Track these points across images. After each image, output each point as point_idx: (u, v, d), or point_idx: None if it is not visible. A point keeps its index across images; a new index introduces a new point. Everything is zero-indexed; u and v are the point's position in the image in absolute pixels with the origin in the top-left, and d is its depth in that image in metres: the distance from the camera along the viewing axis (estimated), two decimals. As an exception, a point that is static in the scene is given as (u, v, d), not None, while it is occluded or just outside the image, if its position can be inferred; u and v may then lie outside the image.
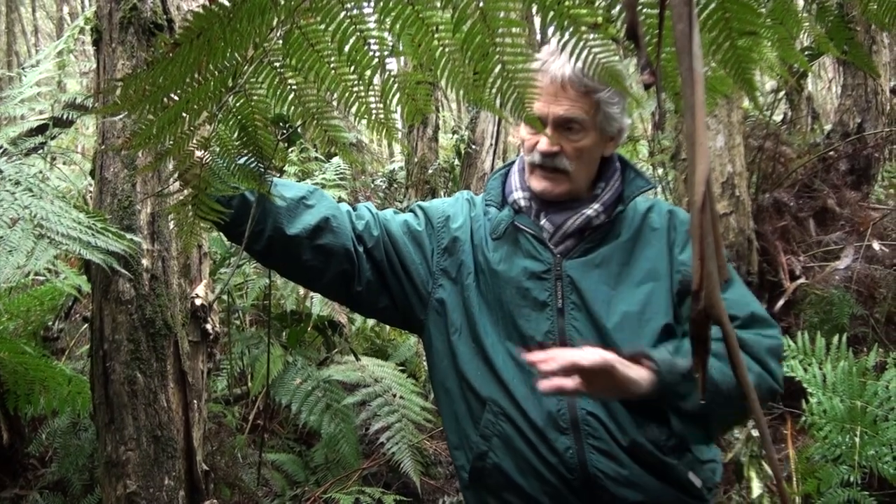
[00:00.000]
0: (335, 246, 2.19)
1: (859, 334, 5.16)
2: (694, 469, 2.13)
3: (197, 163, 1.62)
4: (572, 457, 2.07)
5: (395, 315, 2.35)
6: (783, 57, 1.37)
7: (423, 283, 2.29)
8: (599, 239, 2.21)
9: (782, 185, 6.38)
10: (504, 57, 1.21)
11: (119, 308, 2.60)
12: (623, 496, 2.08)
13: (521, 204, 2.28)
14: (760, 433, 0.82)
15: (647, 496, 2.09)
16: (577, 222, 2.21)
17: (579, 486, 2.08)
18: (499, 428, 2.16)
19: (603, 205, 2.22)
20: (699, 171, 0.78)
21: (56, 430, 3.84)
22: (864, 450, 3.41)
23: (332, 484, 4.53)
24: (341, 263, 2.20)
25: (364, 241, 2.25)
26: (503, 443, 2.16)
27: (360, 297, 2.28)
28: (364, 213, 2.31)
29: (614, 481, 2.06)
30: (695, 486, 2.12)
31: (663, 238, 2.20)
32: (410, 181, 9.11)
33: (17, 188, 2.39)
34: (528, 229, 2.24)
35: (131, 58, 2.63)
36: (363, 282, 2.25)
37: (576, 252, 2.20)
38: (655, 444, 2.08)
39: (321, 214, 2.19)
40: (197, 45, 1.22)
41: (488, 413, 2.18)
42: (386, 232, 2.29)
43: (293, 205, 2.18)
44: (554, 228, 2.23)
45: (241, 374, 5.10)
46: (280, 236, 2.14)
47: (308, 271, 2.22)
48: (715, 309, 0.80)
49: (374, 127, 1.43)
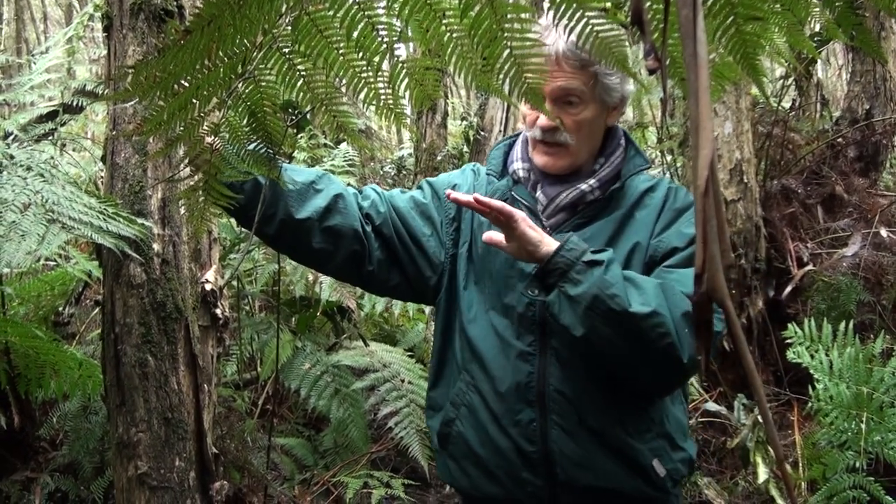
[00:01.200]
0: (343, 227, 2.20)
1: (866, 321, 5.16)
2: (661, 457, 2.12)
3: (207, 148, 1.63)
4: (535, 430, 2.10)
5: (409, 290, 2.36)
6: (792, 43, 1.37)
7: (435, 254, 2.31)
8: (592, 215, 2.21)
9: (790, 172, 6.37)
10: (512, 42, 1.22)
11: (130, 292, 2.62)
12: (576, 478, 2.09)
13: (519, 175, 2.29)
14: (762, 417, 0.83)
15: (601, 481, 2.10)
16: (571, 196, 2.21)
17: (538, 460, 2.10)
18: (468, 398, 2.21)
19: (599, 181, 2.21)
20: (703, 155, 0.79)
21: (67, 414, 3.86)
22: (870, 436, 3.42)
23: (340, 468, 4.56)
24: (351, 244, 2.21)
25: (372, 220, 2.26)
26: (469, 412, 2.20)
27: (372, 277, 2.28)
28: (370, 193, 2.32)
29: (570, 461, 2.08)
30: (657, 475, 2.11)
31: (653, 214, 2.19)
32: (419, 168, 9.10)
33: (29, 173, 2.41)
34: (523, 200, 2.25)
35: (142, 44, 2.64)
36: (374, 261, 2.26)
37: (566, 226, 2.20)
38: (622, 424, 2.09)
39: (329, 197, 2.20)
40: (207, 32, 1.24)
41: (461, 382, 2.23)
42: (393, 209, 2.30)
43: (303, 189, 2.18)
44: (547, 201, 2.23)
45: (250, 359, 5.12)
46: (291, 220, 2.14)
47: (318, 254, 2.22)
48: (717, 292, 0.81)
49: (382, 113, 1.44)
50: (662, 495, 2.17)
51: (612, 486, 2.11)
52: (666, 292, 1.96)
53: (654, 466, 2.11)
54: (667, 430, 2.15)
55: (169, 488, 2.65)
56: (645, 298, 1.92)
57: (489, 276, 2.21)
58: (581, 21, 1.18)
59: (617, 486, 2.11)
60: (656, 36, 1.13)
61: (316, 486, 4.42)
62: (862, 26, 1.41)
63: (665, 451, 2.14)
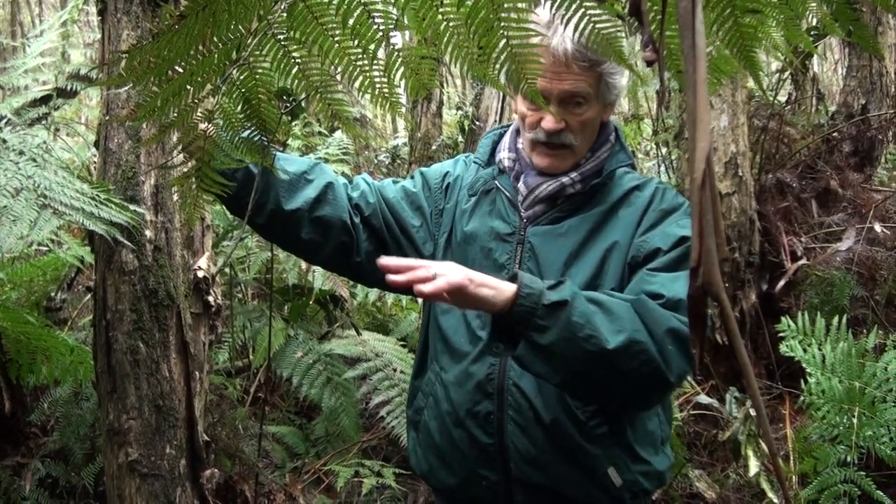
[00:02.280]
0: (332, 217, 2.20)
1: (859, 316, 5.17)
2: (617, 465, 2.08)
3: (201, 135, 1.62)
4: (492, 422, 2.10)
5: None
6: (788, 37, 1.37)
7: (424, 244, 2.31)
8: (571, 209, 2.18)
9: (785, 166, 6.37)
10: (509, 32, 1.22)
11: (122, 278, 2.61)
12: (527, 476, 2.08)
13: (505, 164, 2.28)
14: (756, 410, 0.82)
15: (552, 481, 2.08)
16: (550, 189, 2.18)
17: (494, 453, 2.10)
18: (434, 388, 2.23)
19: (581, 174, 2.18)
20: (700, 148, 0.79)
21: (58, 400, 3.85)
22: (861, 430, 3.42)
23: (332, 457, 4.56)
24: (339, 235, 2.21)
25: (361, 210, 2.26)
26: (434, 403, 2.22)
27: (361, 268, 2.28)
28: (360, 184, 2.32)
29: (523, 458, 2.08)
30: (613, 484, 2.08)
31: (637, 214, 2.14)
32: (414, 157, 9.09)
33: (21, 158, 2.40)
34: (504, 190, 2.24)
35: (136, 28, 2.63)
36: (362, 252, 2.26)
37: (543, 219, 2.18)
38: (579, 427, 2.06)
39: (320, 187, 2.20)
40: (202, 17, 1.23)
41: (431, 372, 2.25)
42: (382, 199, 2.30)
43: (295, 179, 2.18)
44: (527, 191, 2.21)
45: (242, 347, 5.12)
46: (281, 210, 2.14)
47: (308, 244, 2.23)
48: (713, 286, 0.80)
49: (377, 101, 1.43)
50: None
51: (565, 487, 2.10)
52: (642, 311, 1.89)
53: (610, 475, 2.08)
54: (627, 440, 2.11)
55: (159, 476, 2.64)
56: (620, 325, 1.84)
57: (465, 264, 2.18)
58: (579, 12, 1.17)
59: (569, 488, 2.10)
60: (654, 27, 1.12)
61: (307, 475, 4.42)
62: (859, 22, 1.40)
63: (623, 460, 2.10)
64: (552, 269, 2.12)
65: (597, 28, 1.20)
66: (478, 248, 2.19)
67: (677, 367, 1.88)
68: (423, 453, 2.28)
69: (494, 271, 2.10)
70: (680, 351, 1.87)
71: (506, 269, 2.14)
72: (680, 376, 1.92)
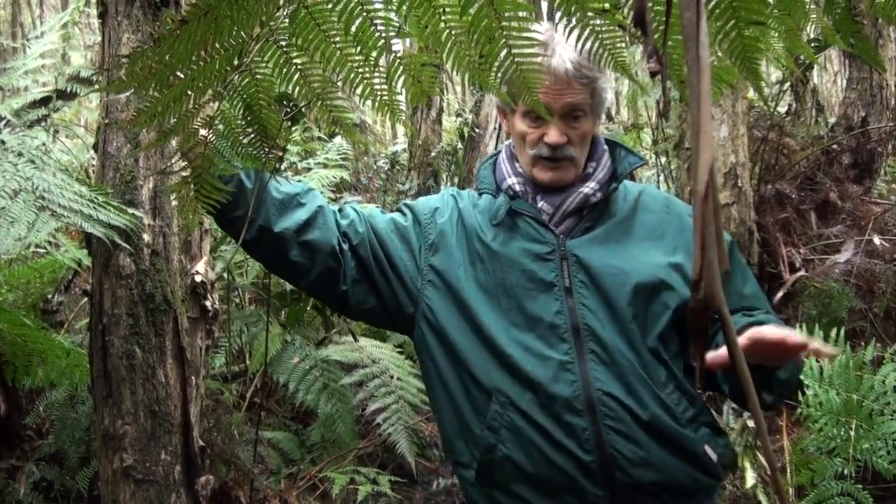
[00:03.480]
0: (321, 242, 2.18)
1: (857, 328, 5.17)
2: (710, 443, 2.13)
3: (201, 141, 1.62)
4: (589, 438, 2.05)
5: (384, 315, 2.31)
6: (790, 48, 1.37)
7: (411, 280, 2.26)
8: (597, 217, 2.23)
9: (785, 177, 6.38)
10: (510, 41, 1.21)
11: (119, 282, 2.60)
12: (640, 477, 2.06)
13: (515, 189, 2.28)
14: (756, 425, 0.82)
15: (662, 476, 2.08)
16: (576, 201, 2.22)
17: (597, 468, 2.06)
18: (507, 419, 2.11)
19: (598, 183, 2.24)
20: (703, 160, 0.78)
21: (53, 403, 3.84)
22: (858, 443, 3.42)
23: (327, 463, 4.55)
24: (326, 261, 2.19)
25: (349, 238, 2.24)
26: (512, 434, 2.11)
27: (346, 297, 2.25)
28: (349, 213, 2.31)
29: (631, 462, 2.05)
30: (711, 461, 2.11)
31: (660, 211, 2.28)
32: (413, 163, 9.08)
33: (20, 160, 2.39)
34: (526, 213, 2.23)
35: (136, 31, 2.62)
36: (348, 280, 2.23)
37: (577, 231, 2.21)
38: (673, 417, 2.08)
39: (311, 211, 2.20)
40: (204, 23, 1.22)
41: (495, 404, 2.13)
42: (371, 229, 2.28)
43: (287, 199, 2.18)
44: (553, 209, 2.23)
45: (239, 352, 5.11)
46: (270, 228, 2.14)
47: (294, 267, 2.21)
48: (714, 299, 0.80)
49: (378, 108, 1.43)
50: (715, 482, 2.18)
51: (673, 479, 2.09)
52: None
53: (707, 452, 2.11)
54: (709, 418, 2.17)
55: (154, 482, 2.63)
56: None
57: (503, 291, 2.17)
58: (582, 22, 1.17)
59: (677, 478, 2.10)
60: (657, 37, 1.12)
61: (302, 481, 4.41)
62: (860, 34, 1.40)
63: (712, 437, 2.15)
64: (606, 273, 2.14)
65: (600, 39, 1.20)
66: (517, 274, 2.17)
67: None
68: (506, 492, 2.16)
69: (542, 291, 2.14)
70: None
71: (555, 286, 2.14)
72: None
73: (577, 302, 2.12)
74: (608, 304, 2.11)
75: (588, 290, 2.13)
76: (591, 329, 2.09)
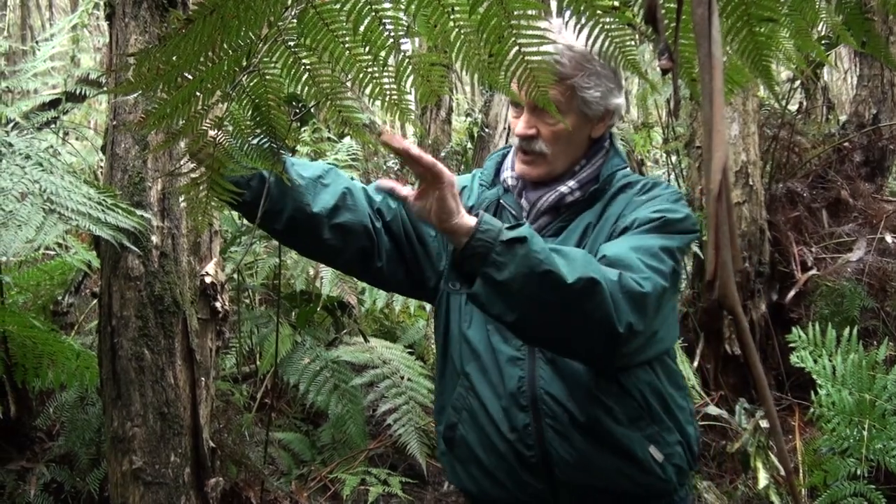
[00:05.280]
0: (354, 223, 2.18)
1: (870, 327, 5.15)
2: (657, 442, 2.10)
3: (210, 142, 1.61)
4: (531, 433, 2.09)
5: (411, 288, 2.39)
6: (800, 46, 1.36)
7: (437, 255, 2.31)
8: (572, 216, 2.21)
9: (796, 176, 6.35)
10: (520, 40, 1.21)
11: (128, 284, 2.60)
12: (575, 479, 2.09)
13: (508, 183, 2.30)
14: (771, 427, 0.81)
15: (601, 480, 2.10)
16: (550, 199, 2.21)
17: (537, 464, 2.10)
18: (468, 402, 2.21)
19: (578, 182, 2.21)
20: (716, 159, 0.77)
21: (63, 404, 3.85)
22: (871, 443, 3.40)
23: (338, 464, 4.55)
24: (360, 240, 2.20)
25: (382, 215, 2.25)
26: (470, 416, 2.20)
27: (381, 273, 2.27)
28: None
29: (566, 463, 2.08)
30: (655, 461, 2.09)
31: (623, 204, 2.17)
32: (423, 163, 9.06)
33: (28, 162, 2.39)
34: (509, 208, 2.27)
35: (144, 33, 2.62)
36: (383, 257, 2.25)
37: (549, 230, 2.21)
38: (614, 417, 2.07)
39: (338, 193, 2.19)
40: (210, 22, 1.22)
41: (461, 386, 2.23)
42: (403, 206, 2.30)
43: (311, 184, 2.17)
44: (529, 206, 2.25)
45: (249, 353, 5.10)
46: (300, 216, 2.13)
47: (328, 250, 2.21)
48: (728, 300, 0.78)
49: (387, 108, 1.42)
50: (666, 485, 2.14)
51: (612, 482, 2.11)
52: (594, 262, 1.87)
53: (651, 453, 2.10)
54: (659, 415, 2.13)
55: (164, 484, 2.63)
56: (577, 266, 1.80)
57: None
58: (591, 20, 1.16)
59: (617, 481, 2.11)
60: (668, 34, 1.10)
61: (313, 482, 4.40)
62: (871, 31, 1.39)
63: (660, 435, 2.12)
64: None
65: (609, 36, 1.19)
66: None
67: (625, 317, 1.82)
68: (463, 468, 2.26)
69: None
70: (628, 303, 1.83)
71: None
72: (628, 328, 1.84)
73: None
74: None
75: None
76: None
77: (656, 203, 2.12)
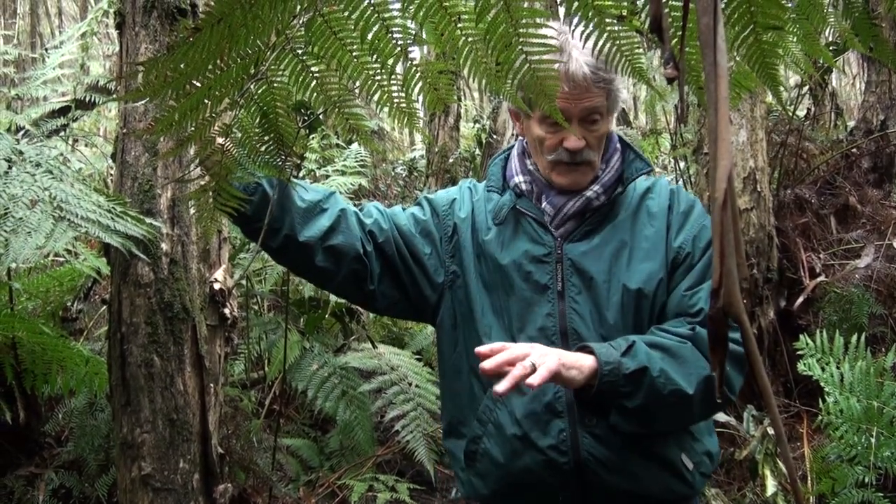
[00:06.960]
0: (345, 246, 2.19)
1: (878, 334, 5.13)
2: (687, 451, 2.15)
3: (218, 149, 1.62)
4: (565, 439, 2.09)
5: (408, 308, 2.36)
6: (808, 52, 1.36)
7: (435, 272, 2.30)
8: (599, 221, 2.22)
9: (804, 182, 6.34)
10: (527, 48, 1.21)
11: (137, 291, 2.61)
12: (612, 483, 2.09)
13: (522, 188, 2.29)
14: (776, 435, 0.81)
15: (635, 484, 2.10)
16: (577, 205, 2.22)
17: (570, 471, 2.09)
18: (494, 415, 2.19)
19: (602, 186, 2.23)
20: (721, 167, 0.77)
21: (72, 410, 3.86)
22: (880, 451, 3.39)
23: (346, 470, 4.55)
24: (352, 264, 2.21)
25: (374, 237, 2.26)
26: (496, 430, 2.18)
27: (373, 296, 2.28)
28: (371, 211, 2.32)
29: (604, 466, 2.08)
30: (686, 469, 2.13)
31: (662, 218, 2.21)
32: (431, 170, 9.09)
33: (38, 170, 2.40)
34: (529, 213, 2.25)
35: (154, 42, 2.63)
36: (375, 280, 2.25)
37: (576, 234, 2.21)
38: None
39: (333, 216, 2.20)
40: (218, 31, 1.22)
41: (487, 399, 2.20)
42: (395, 226, 2.30)
43: (311, 207, 2.18)
44: (555, 211, 2.24)
45: (258, 359, 5.12)
46: (295, 236, 2.14)
47: (320, 272, 2.22)
48: (734, 307, 0.79)
49: (395, 115, 1.43)
50: (692, 492, 2.18)
51: (645, 488, 2.12)
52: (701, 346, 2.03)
53: (683, 460, 2.13)
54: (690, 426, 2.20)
55: (172, 490, 2.64)
56: (690, 369, 2.00)
57: (502, 290, 2.22)
58: (599, 28, 1.16)
59: (649, 487, 2.12)
60: (674, 42, 1.11)
61: (321, 488, 4.41)
62: (879, 37, 1.39)
63: (689, 444, 2.17)
64: (598, 280, 2.15)
65: (617, 44, 1.19)
66: (514, 274, 2.20)
67: (737, 384, 2.06)
68: (487, 482, 2.23)
69: (536, 293, 2.16)
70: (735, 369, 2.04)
71: (549, 289, 2.16)
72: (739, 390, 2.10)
73: (568, 306, 2.14)
74: (598, 311, 2.14)
75: (580, 295, 2.15)
76: (578, 334, 2.11)
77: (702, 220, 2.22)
